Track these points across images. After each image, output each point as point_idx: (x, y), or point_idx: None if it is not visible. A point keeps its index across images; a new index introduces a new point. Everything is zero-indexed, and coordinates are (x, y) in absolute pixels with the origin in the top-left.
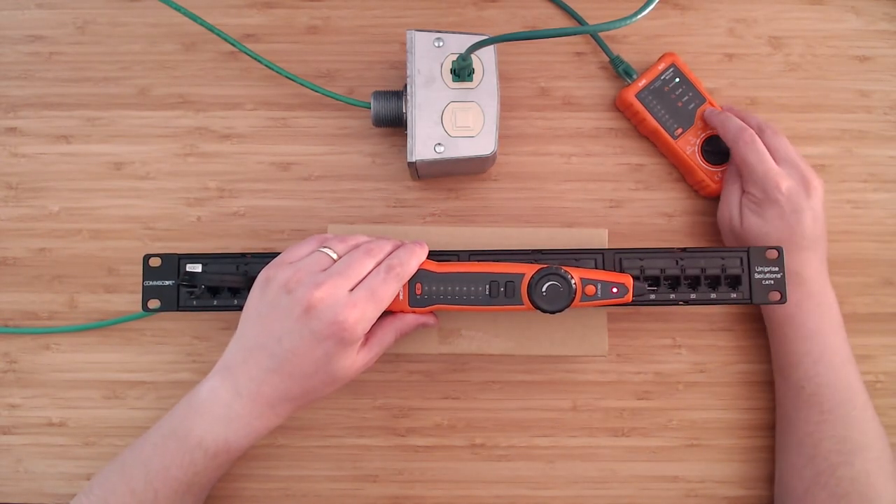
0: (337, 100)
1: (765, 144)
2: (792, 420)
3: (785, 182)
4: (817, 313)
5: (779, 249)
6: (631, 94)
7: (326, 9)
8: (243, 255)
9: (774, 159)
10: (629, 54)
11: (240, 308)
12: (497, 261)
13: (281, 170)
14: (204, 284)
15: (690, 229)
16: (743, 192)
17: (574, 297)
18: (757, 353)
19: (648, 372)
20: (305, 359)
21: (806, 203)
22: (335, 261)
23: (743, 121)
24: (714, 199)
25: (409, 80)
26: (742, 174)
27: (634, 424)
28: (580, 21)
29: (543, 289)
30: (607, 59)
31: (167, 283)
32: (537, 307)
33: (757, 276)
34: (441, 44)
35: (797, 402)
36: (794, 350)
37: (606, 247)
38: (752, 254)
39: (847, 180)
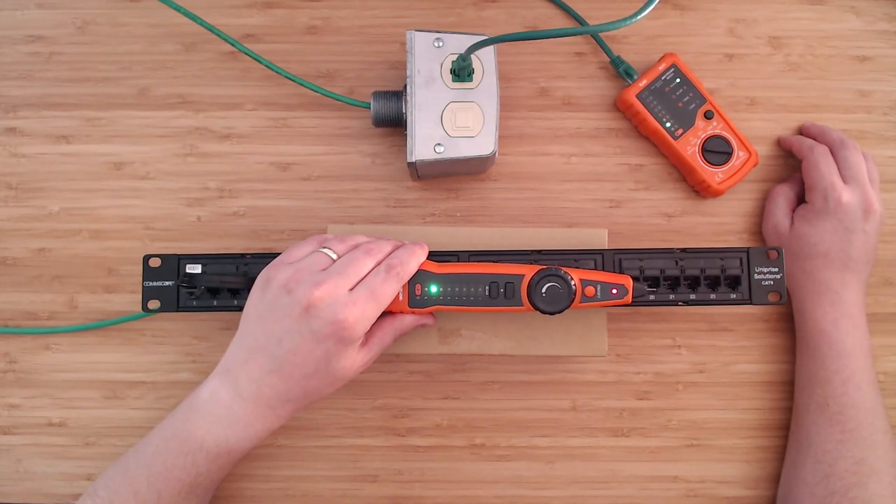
0: (337, 100)
1: (841, 158)
2: (811, 435)
3: (846, 197)
4: (853, 335)
5: (779, 250)
6: (632, 95)
7: (326, 9)
8: (243, 255)
9: (843, 175)
10: (629, 54)
11: (240, 309)
12: (497, 261)
13: (281, 170)
14: (204, 285)
15: (690, 229)
16: (796, 198)
17: (574, 299)
18: (757, 353)
19: (648, 372)
20: (305, 359)
21: (861, 224)
22: (335, 261)
23: (825, 134)
24: (714, 200)
25: (408, 80)
26: (807, 182)
27: (634, 424)
28: (580, 21)
29: (543, 290)
30: (608, 59)
31: (167, 283)
32: (537, 308)
33: (756, 276)
34: (441, 44)
35: (819, 419)
36: (826, 367)
37: (606, 247)
38: (752, 254)
39: None
